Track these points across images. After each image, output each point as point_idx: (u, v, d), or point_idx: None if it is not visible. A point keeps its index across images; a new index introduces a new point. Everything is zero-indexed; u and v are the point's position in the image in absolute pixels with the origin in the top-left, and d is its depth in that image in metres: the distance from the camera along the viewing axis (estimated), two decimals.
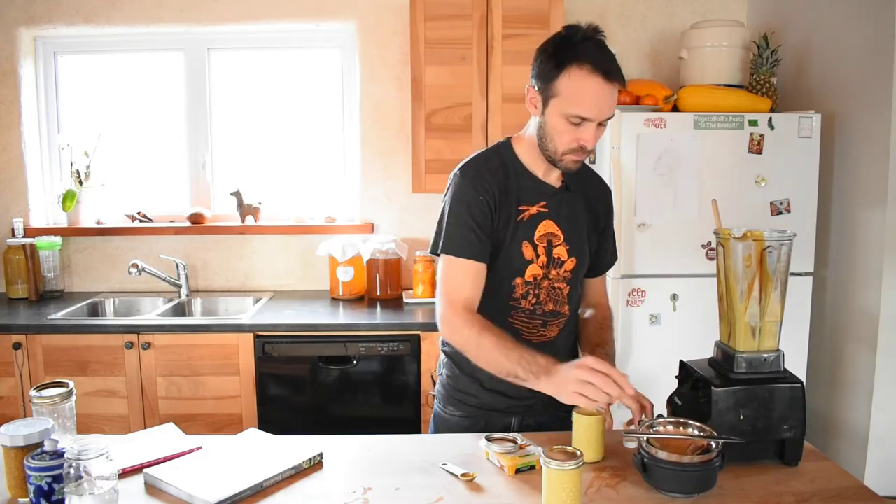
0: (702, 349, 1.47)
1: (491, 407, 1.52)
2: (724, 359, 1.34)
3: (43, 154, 3.10)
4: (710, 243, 2.38)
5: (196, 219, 3.02)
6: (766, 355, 1.31)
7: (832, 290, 2.51)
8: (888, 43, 2.18)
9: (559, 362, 1.30)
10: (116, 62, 3.12)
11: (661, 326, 2.41)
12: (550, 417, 1.54)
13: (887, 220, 2.21)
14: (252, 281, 3.10)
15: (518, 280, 1.47)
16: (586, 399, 1.24)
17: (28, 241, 2.90)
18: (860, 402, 2.32)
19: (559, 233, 1.49)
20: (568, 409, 1.53)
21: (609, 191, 1.63)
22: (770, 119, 2.35)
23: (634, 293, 2.39)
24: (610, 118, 1.39)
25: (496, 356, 1.33)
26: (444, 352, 1.60)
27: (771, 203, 2.38)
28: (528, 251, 1.46)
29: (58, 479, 1.07)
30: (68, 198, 2.98)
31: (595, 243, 1.57)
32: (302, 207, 3.13)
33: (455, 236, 1.42)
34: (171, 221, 3.12)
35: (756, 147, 2.36)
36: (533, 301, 1.49)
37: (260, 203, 3.06)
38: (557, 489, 1.09)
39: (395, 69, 2.98)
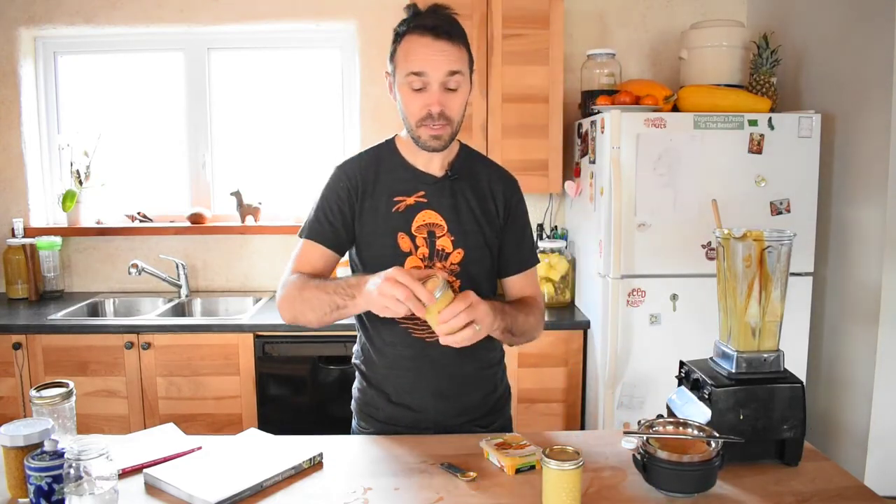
0: (702, 349, 1.47)
1: (398, 422, 1.48)
2: (724, 359, 1.34)
3: (43, 154, 3.10)
4: (710, 243, 2.38)
5: (196, 219, 3.02)
6: (766, 355, 1.31)
7: (832, 289, 2.51)
8: (888, 43, 2.19)
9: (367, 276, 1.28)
10: (116, 62, 3.12)
11: (661, 326, 2.41)
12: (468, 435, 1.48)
13: (887, 220, 2.21)
14: (252, 281, 3.10)
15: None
16: (392, 312, 1.22)
17: (28, 241, 2.90)
18: (860, 402, 2.32)
19: (442, 223, 1.43)
20: (483, 424, 1.50)
21: (513, 183, 1.53)
22: (770, 119, 2.35)
23: (634, 293, 2.39)
24: (454, 74, 1.34)
25: (318, 294, 1.34)
26: (355, 364, 1.57)
27: (771, 203, 2.38)
28: (404, 242, 1.42)
29: (58, 479, 1.07)
30: (68, 198, 2.98)
31: (496, 236, 1.48)
32: (302, 207, 3.12)
33: (310, 221, 1.47)
34: (171, 221, 3.12)
35: (756, 147, 2.36)
36: None
37: (260, 203, 3.06)
38: (557, 489, 1.09)
39: None
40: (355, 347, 1.58)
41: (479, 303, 1.25)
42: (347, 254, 1.51)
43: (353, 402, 1.58)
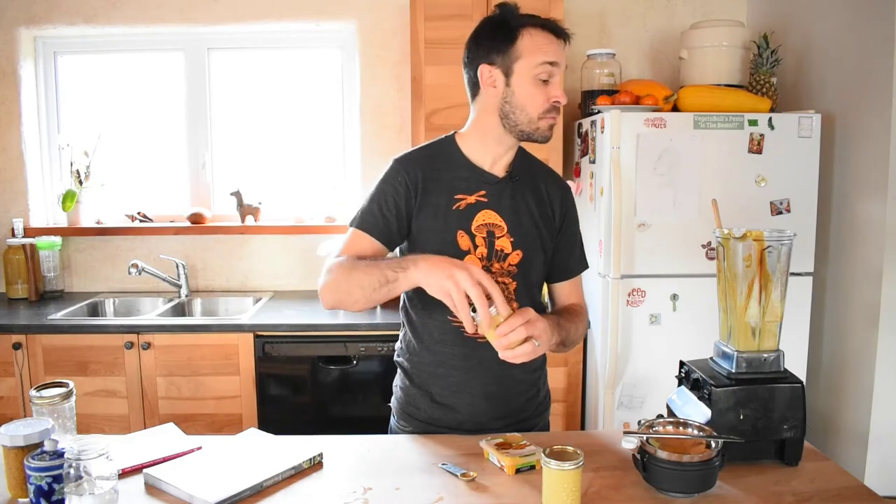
0: (702, 349, 1.47)
1: (441, 423, 1.47)
2: (724, 359, 1.34)
3: (43, 154, 3.10)
4: (710, 243, 2.38)
5: (196, 219, 3.02)
6: (766, 355, 1.30)
7: (832, 289, 2.52)
8: (888, 43, 2.19)
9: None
10: (116, 62, 3.12)
11: (661, 326, 2.41)
12: None
13: (887, 220, 2.21)
14: (252, 281, 3.10)
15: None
16: (451, 302, 1.20)
17: (28, 241, 2.90)
18: (860, 402, 2.32)
19: (502, 223, 1.43)
20: (525, 428, 1.50)
21: (568, 189, 1.56)
22: (770, 119, 2.35)
23: (634, 293, 2.39)
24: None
25: (368, 271, 1.31)
26: (397, 362, 1.56)
27: (771, 203, 2.38)
28: (463, 241, 1.41)
29: (58, 479, 1.07)
30: (68, 198, 2.98)
31: (551, 240, 1.50)
32: (302, 207, 3.13)
33: (363, 212, 1.44)
34: (171, 221, 3.12)
35: (756, 147, 2.36)
36: None
37: (260, 203, 3.06)
38: (557, 489, 1.09)
39: (395, 69, 2.98)
40: (398, 344, 1.57)
41: (538, 319, 1.25)
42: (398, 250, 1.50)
43: (393, 399, 1.57)
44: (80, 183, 3.01)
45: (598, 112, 2.45)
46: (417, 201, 1.42)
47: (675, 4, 3.03)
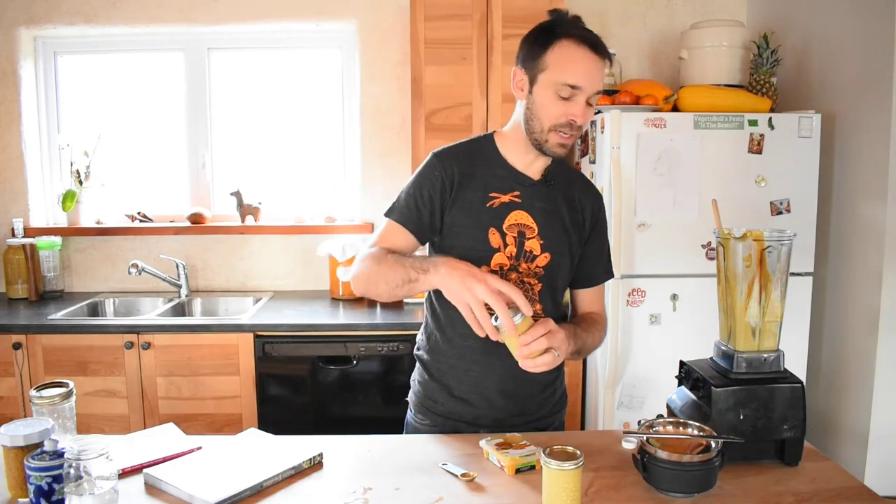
0: (702, 349, 1.47)
1: (458, 417, 1.48)
2: (724, 359, 1.34)
3: (43, 154, 3.10)
4: (710, 243, 2.38)
5: (196, 219, 3.02)
6: (766, 355, 1.31)
7: (832, 289, 2.52)
8: (888, 43, 2.19)
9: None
10: (116, 62, 3.12)
11: (661, 326, 2.41)
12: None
13: (887, 220, 2.21)
14: (252, 281, 3.10)
15: (483, 269, 1.40)
16: (469, 315, 1.23)
17: (28, 241, 2.90)
18: (860, 402, 2.32)
19: (533, 225, 1.44)
20: (541, 427, 1.52)
21: (600, 198, 1.56)
22: (770, 119, 2.35)
23: (634, 293, 2.39)
24: (598, 93, 1.37)
25: (394, 267, 1.34)
26: (417, 356, 1.57)
27: (771, 203, 2.38)
28: (494, 238, 1.42)
29: (58, 479, 1.07)
30: (68, 198, 2.98)
31: (579, 246, 1.51)
32: (302, 207, 3.13)
33: (399, 203, 1.46)
34: (171, 221, 3.12)
35: (756, 147, 2.36)
36: None
37: (260, 203, 3.06)
38: (557, 489, 1.09)
39: (395, 69, 2.98)
40: (419, 337, 1.58)
41: (558, 330, 1.27)
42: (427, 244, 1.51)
43: (410, 394, 1.58)
44: (80, 183, 3.01)
45: (598, 112, 2.45)
46: (452, 196, 1.43)
47: (675, 4, 3.03)
